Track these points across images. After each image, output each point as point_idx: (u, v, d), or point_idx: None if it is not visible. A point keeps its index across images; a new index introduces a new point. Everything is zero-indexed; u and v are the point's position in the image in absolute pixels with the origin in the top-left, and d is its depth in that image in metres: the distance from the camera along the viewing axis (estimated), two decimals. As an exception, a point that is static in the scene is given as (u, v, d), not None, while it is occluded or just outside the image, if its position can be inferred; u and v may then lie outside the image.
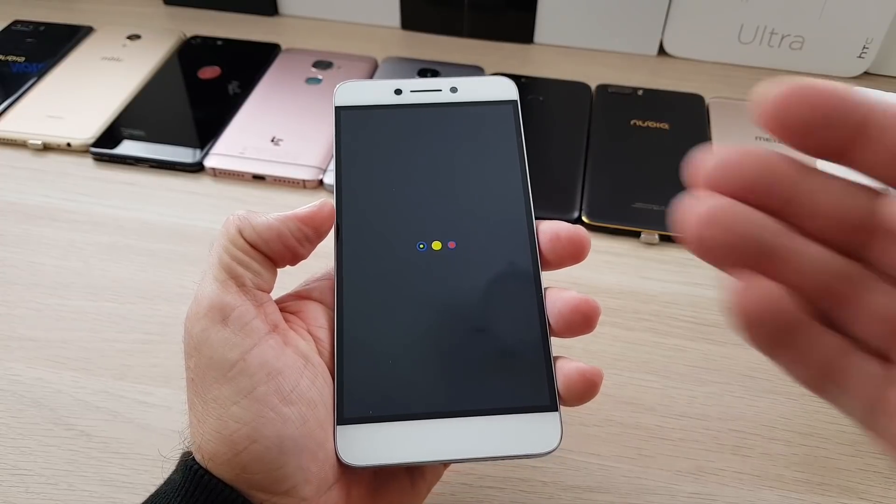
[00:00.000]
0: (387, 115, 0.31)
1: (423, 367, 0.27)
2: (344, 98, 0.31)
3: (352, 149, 0.30)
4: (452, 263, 0.28)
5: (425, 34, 0.64)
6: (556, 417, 0.26)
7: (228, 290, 0.25)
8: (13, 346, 0.39)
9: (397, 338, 0.27)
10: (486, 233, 0.29)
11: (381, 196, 0.29)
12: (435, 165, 0.30)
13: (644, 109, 0.54)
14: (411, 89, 0.31)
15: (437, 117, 0.31)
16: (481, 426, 0.26)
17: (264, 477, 0.24)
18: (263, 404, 0.24)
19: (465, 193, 0.30)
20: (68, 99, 0.54)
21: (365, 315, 0.28)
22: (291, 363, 0.25)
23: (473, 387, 0.27)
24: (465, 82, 0.32)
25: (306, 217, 0.27)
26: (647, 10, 0.59)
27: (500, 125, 0.31)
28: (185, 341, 0.25)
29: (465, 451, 0.25)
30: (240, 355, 0.24)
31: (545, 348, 0.27)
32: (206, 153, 0.50)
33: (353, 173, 0.30)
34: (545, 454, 0.26)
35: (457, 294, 0.28)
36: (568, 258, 0.28)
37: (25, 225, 0.46)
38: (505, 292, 0.28)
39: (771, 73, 0.59)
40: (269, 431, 0.24)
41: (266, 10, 0.65)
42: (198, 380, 0.25)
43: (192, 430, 0.25)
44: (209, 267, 0.26)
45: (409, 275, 0.28)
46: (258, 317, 0.25)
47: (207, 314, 0.25)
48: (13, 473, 0.34)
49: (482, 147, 0.30)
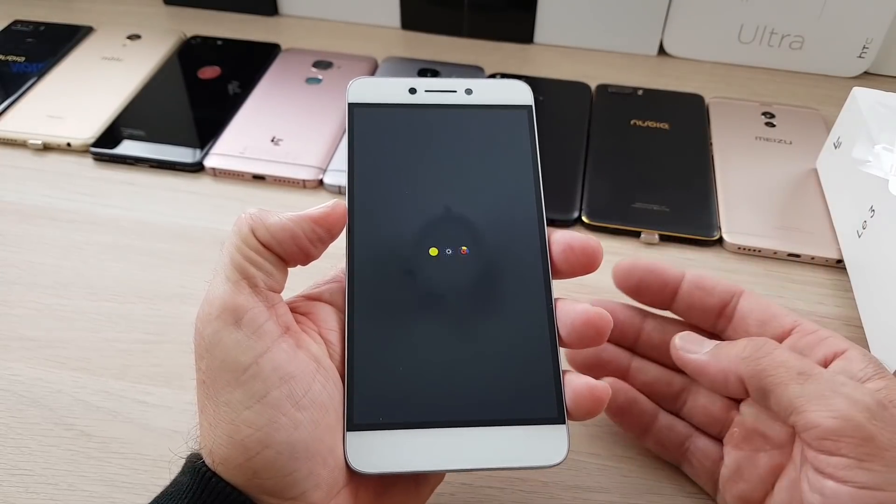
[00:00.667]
0: (401, 115, 0.30)
1: (434, 375, 0.27)
2: (357, 95, 0.31)
3: (365, 148, 0.30)
4: (463, 270, 0.28)
5: (425, 34, 0.64)
6: (564, 430, 0.26)
7: (241, 291, 0.25)
8: (13, 346, 0.39)
9: (408, 344, 0.27)
10: (499, 240, 0.29)
11: (394, 198, 0.29)
12: (448, 169, 0.30)
13: (644, 109, 0.54)
14: (426, 89, 0.31)
15: (452, 119, 0.31)
16: (489, 437, 0.26)
17: (276, 482, 0.24)
18: (276, 409, 0.24)
19: (479, 199, 0.29)
20: (68, 99, 0.54)
21: (376, 320, 0.27)
22: (304, 367, 0.25)
23: (482, 397, 0.26)
24: (480, 84, 0.31)
25: (319, 218, 0.27)
26: (647, 10, 0.59)
27: (514, 130, 0.31)
28: (196, 342, 0.25)
29: (472, 460, 0.25)
30: (253, 359, 0.24)
31: (554, 361, 0.27)
32: (206, 153, 0.50)
33: (366, 173, 0.29)
34: (551, 467, 0.26)
35: (467, 302, 0.28)
36: (580, 268, 0.28)
37: (25, 225, 0.46)
38: (516, 302, 0.28)
39: (771, 72, 0.59)
40: (282, 437, 0.24)
41: (266, 10, 0.65)
42: (209, 382, 0.25)
43: (203, 434, 0.25)
44: (220, 267, 0.26)
45: (421, 280, 0.28)
46: (271, 319, 0.25)
47: (220, 315, 0.25)
48: (13, 473, 0.34)
49: (496, 152, 0.30)
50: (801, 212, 0.46)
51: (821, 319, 0.41)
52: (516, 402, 0.26)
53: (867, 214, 0.40)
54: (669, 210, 0.46)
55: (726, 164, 0.50)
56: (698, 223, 0.46)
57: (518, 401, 0.26)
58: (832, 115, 0.53)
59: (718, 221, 0.46)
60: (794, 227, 0.45)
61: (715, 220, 0.46)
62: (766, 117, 0.54)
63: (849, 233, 0.43)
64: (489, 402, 0.26)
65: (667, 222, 0.46)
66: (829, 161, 0.47)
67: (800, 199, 0.47)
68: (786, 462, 0.29)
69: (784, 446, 0.29)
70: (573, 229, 0.46)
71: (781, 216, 0.46)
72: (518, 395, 0.27)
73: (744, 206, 0.46)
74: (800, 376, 0.26)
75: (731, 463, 0.31)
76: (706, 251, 0.45)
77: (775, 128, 0.53)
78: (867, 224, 0.40)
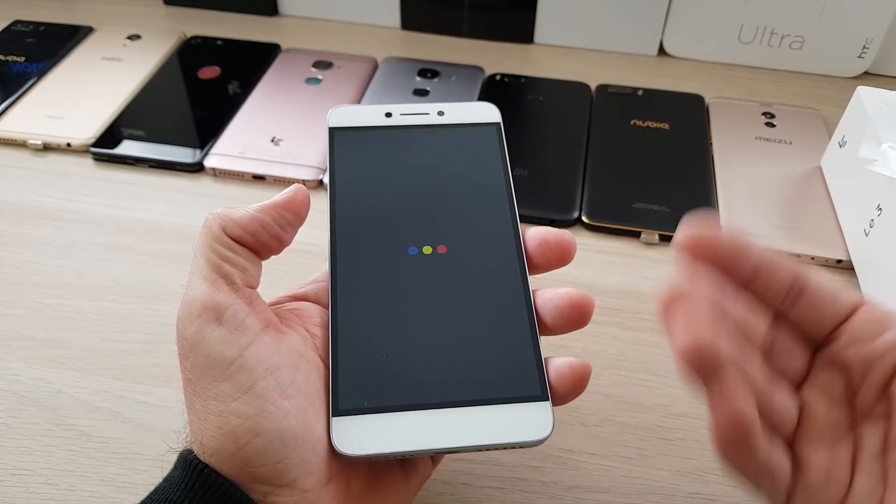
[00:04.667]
0: (378, 135, 0.33)
1: (416, 361, 0.27)
2: (337, 121, 0.33)
3: (345, 164, 0.32)
4: (443, 264, 0.29)
5: (425, 34, 0.64)
6: (548, 406, 0.27)
7: (219, 290, 0.26)
8: (13, 346, 0.39)
9: (390, 332, 0.28)
10: (475, 237, 0.30)
11: (374, 206, 0.31)
12: (424, 178, 0.32)
13: (644, 109, 0.54)
14: (401, 112, 0.33)
15: (426, 137, 0.33)
16: (474, 416, 0.26)
17: (267, 470, 0.24)
18: (264, 399, 0.24)
19: (454, 203, 0.31)
20: (68, 99, 0.54)
21: (358, 311, 0.28)
22: (288, 359, 0.26)
23: (465, 379, 0.27)
24: (451, 107, 0.34)
25: (285, 203, 0.28)
26: (647, 10, 0.59)
27: (485, 143, 0.33)
28: (179, 343, 0.26)
29: (458, 440, 0.26)
30: (238, 352, 0.25)
31: (534, 340, 0.28)
32: (206, 153, 0.50)
33: (347, 186, 0.31)
34: (538, 442, 0.26)
35: (447, 292, 0.29)
36: (556, 261, 0.29)
37: (25, 225, 0.46)
38: (493, 289, 0.29)
39: (771, 72, 0.59)
40: (271, 425, 0.24)
41: (266, 10, 0.65)
42: (195, 379, 0.25)
43: (193, 429, 0.25)
44: (196, 268, 0.26)
45: (401, 275, 0.29)
46: (251, 314, 0.26)
47: (201, 315, 0.25)
48: (13, 473, 0.34)
49: (469, 162, 0.32)
50: (801, 212, 0.46)
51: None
52: (499, 382, 0.27)
53: (874, 213, 0.40)
54: (669, 210, 0.46)
55: (726, 164, 0.50)
56: (698, 223, 0.46)
57: (500, 381, 0.27)
58: (832, 115, 0.53)
59: (718, 221, 0.46)
60: (795, 226, 0.45)
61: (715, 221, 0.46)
62: (766, 117, 0.54)
63: (856, 231, 0.43)
64: (472, 384, 0.27)
65: (667, 222, 0.46)
66: (834, 160, 0.47)
67: (800, 199, 0.47)
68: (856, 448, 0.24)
69: (852, 427, 0.24)
70: (573, 229, 0.46)
71: (781, 216, 0.46)
72: (500, 375, 0.27)
73: (744, 206, 0.46)
74: None
75: (819, 463, 0.24)
76: (706, 251, 0.45)
77: (775, 128, 0.53)
78: (874, 223, 0.40)
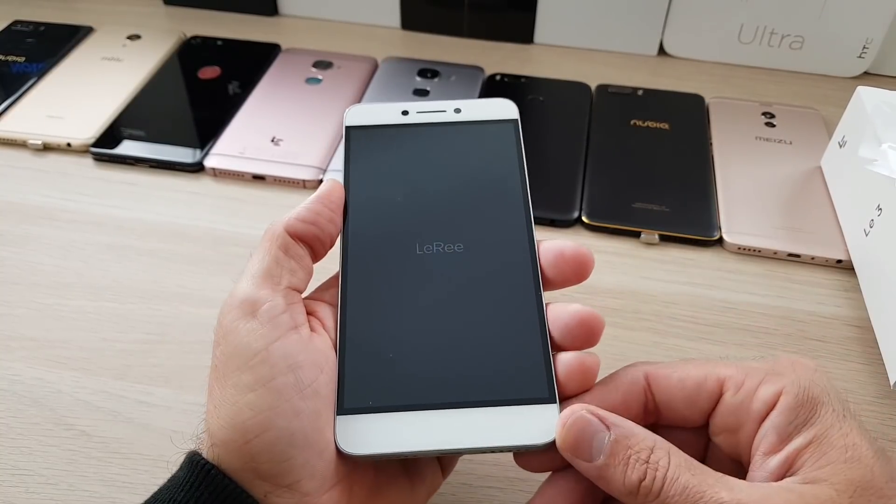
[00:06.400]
0: (394, 133, 0.33)
1: (423, 361, 0.27)
2: (353, 119, 0.33)
3: (360, 162, 0.32)
4: (454, 265, 0.29)
5: (425, 34, 0.64)
6: (555, 409, 0.26)
7: (262, 287, 0.26)
8: (13, 346, 0.39)
9: (398, 333, 0.28)
10: (488, 238, 0.30)
11: (387, 205, 0.31)
12: (440, 177, 0.31)
13: (644, 109, 0.54)
14: (417, 110, 0.33)
15: (442, 134, 0.32)
16: (480, 418, 0.26)
17: (271, 467, 0.24)
18: (279, 395, 0.24)
19: (469, 201, 0.31)
20: (68, 99, 0.54)
21: (367, 309, 0.28)
22: (314, 358, 0.26)
23: (472, 380, 0.27)
24: (468, 104, 0.33)
25: (324, 196, 0.29)
26: (647, 10, 0.59)
27: (502, 142, 0.32)
28: (216, 331, 0.26)
29: (463, 441, 0.26)
30: (264, 345, 0.25)
31: (543, 343, 0.27)
32: (206, 153, 0.50)
33: (361, 184, 0.31)
34: (543, 446, 0.26)
35: (457, 292, 0.29)
36: (572, 276, 0.29)
37: (25, 225, 0.46)
38: (504, 291, 0.29)
39: (771, 72, 0.59)
40: (282, 422, 0.24)
41: (266, 10, 0.65)
42: (221, 367, 0.25)
43: (208, 416, 0.26)
44: (247, 267, 0.27)
45: (412, 274, 0.29)
46: (286, 312, 0.26)
47: (240, 306, 0.26)
48: (13, 473, 0.34)
49: (485, 161, 0.32)
50: (801, 212, 0.46)
51: (822, 320, 0.41)
52: (506, 384, 0.27)
53: (874, 213, 0.40)
54: (669, 210, 0.46)
55: (726, 164, 0.50)
56: (698, 223, 0.46)
57: (508, 382, 0.27)
58: (832, 115, 0.53)
59: (718, 221, 0.46)
60: (795, 227, 0.45)
61: (715, 221, 0.46)
62: (766, 117, 0.54)
63: (856, 231, 0.43)
64: (479, 385, 0.27)
65: (667, 222, 0.46)
66: (834, 160, 0.47)
67: (800, 199, 0.47)
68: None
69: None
70: (573, 229, 0.46)
71: (781, 216, 0.46)
72: (508, 377, 0.27)
73: (744, 206, 0.46)
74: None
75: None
76: (706, 251, 0.45)
77: (775, 128, 0.53)
78: (874, 223, 0.40)
